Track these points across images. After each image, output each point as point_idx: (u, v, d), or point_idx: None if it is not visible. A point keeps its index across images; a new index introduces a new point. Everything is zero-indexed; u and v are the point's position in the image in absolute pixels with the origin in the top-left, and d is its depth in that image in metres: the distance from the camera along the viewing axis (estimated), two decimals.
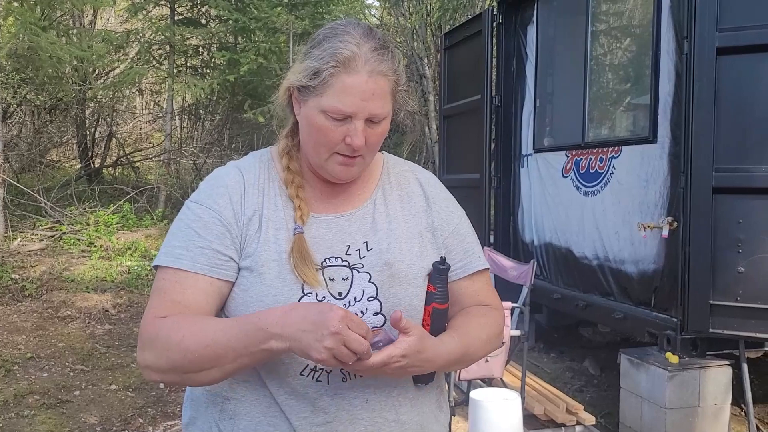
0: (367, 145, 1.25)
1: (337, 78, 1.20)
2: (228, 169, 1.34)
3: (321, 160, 1.27)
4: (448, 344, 1.25)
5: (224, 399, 1.28)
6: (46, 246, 7.97)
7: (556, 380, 4.86)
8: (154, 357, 1.18)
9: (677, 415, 3.55)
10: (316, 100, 1.22)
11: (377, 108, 1.22)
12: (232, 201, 1.27)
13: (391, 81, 1.24)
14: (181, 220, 1.28)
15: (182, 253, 1.23)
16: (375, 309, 1.26)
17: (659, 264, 4.00)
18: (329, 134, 1.23)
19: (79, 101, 11.40)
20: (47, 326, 5.46)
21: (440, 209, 1.38)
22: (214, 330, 1.15)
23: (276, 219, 1.28)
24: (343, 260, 1.28)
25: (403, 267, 1.29)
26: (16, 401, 4.21)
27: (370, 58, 1.21)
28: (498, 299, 1.45)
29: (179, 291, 1.22)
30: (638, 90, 4.85)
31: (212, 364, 1.15)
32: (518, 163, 5.70)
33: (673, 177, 3.88)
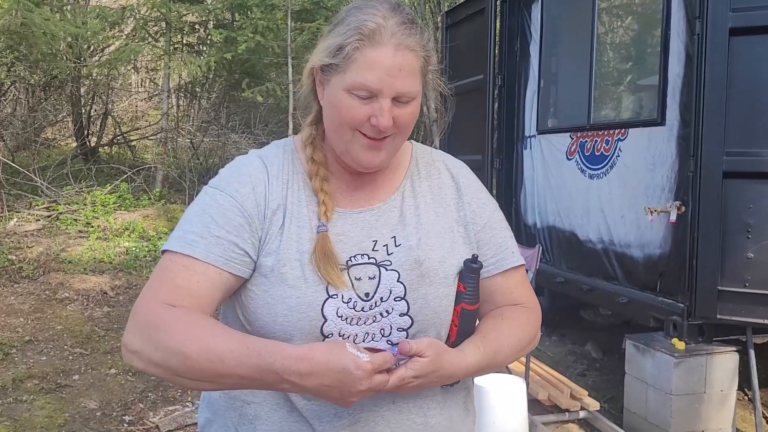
0: (397, 127, 1.16)
1: (362, 52, 1.12)
2: (251, 158, 1.26)
3: (345, 143, 1.18)
4: (470, 357, 1.19)
5: (243, 403, 1.22)
6: (43, 226, 7.89)
7: (559, 364, 4.84)
8: (146, 347, 1.08)
9: (683, 401, 3.52)
10: (340, 78, 1.14)
11: (405, 85, 1.14)
12: (256, 191, 1.19)
13: (420, 57, 1.16)
14: (197, 205, 1.20)
15: (196, 239, 1.15)
16: (402, 310, 1.19)
17: (666, 249, 3.95)
18: (353, 113, 1.14)
19: (74, 79, 11.22)
20: (45, 309, 5.41)
21: (472, 201, 1.30)
22: (224, 348, 1.05)
23: (299, 215, 1.20)
24: (369, 257, 1.20)
25: (434, 264, 1.21)
26: (14, 386, 4.16)
27: (396, 31, 1.13)
28: (534, 297, 1.37)
29: (186, 277, 1.12)
30: (646, 71, 4.77)
31: (210, 379, 1.07)
32: (521, 145, 5.63)
33: (681, 160, 3.81)
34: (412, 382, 1.11)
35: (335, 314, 1.16)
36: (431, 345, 1.13)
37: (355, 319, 1.17)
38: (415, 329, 1.20)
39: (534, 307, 1.35)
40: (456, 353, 1.19)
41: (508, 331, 1.27)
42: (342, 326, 1.16)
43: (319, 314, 1.15)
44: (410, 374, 1.09)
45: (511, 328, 1.27)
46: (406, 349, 1.10)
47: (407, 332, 1.20)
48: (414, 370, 1.10)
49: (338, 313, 1.16)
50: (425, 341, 1.13)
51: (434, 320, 1.21)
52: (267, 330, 1.16)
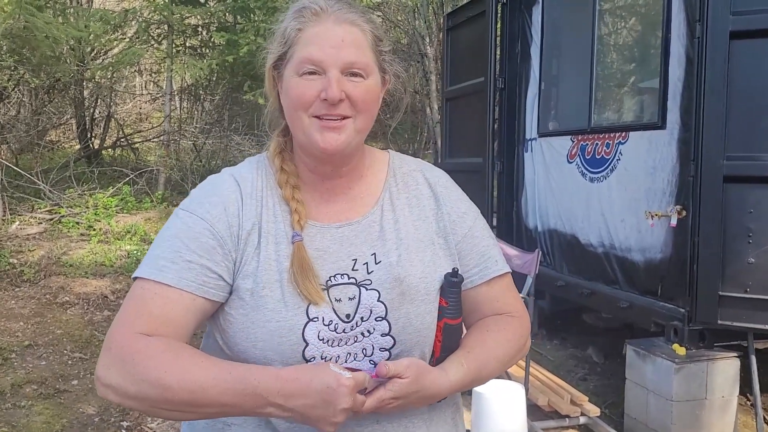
0: (352, 103, 1.14)
1: (304, 32, 1.14)
2: (223, 177, 1.23)
3: (303, 130, 1.15)
4: (454, 375, 1.17)
5: (224, 425, 1.20)
6: (45, 229, 7.90)
7: (560, 368, 4.81)
8: (122, 380, 1.03)
9: (684, 407, 3.49)
10: (289, 67, 1.16)
11: (350, 55, 1.13)
12: (228, 212, 1.17)
13: (366, 33, 1.17)
14: (168, 229, 1.17)
15: (167, 265, 1.11)
16: (383, 330, 1.17)
17: (666, 253, 3.92)
18: (305, 92, 1.13)
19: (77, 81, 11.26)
20: (45, 313, 5.41)
21: (451, 211, 1.27)
22: (205, 376, 1.03)
23: (276, 232, 1.18)
24: (350, 277, 1.18)
25: (415, 282, 1.19)
26: (13, 391, 4.16)
27: (336, 9, 1.16)
28: (520, 305, 1.34)
29: (159, 304, 1.09)
30: (647, 74, 4.74)
31: (192, 409, 1.04)
32: (522, 148, 5.60)
33: (682, 164, 3.78)
34: (392, 403, 1.09)
35: (317, 338, 1.14)
36: (411, 366, 1.11)
37: (336, 341, 1.15)
38: (397, 349, 1.18)
39: (521, 316, 1.32)
40: (438, 372, 1.16)
41: (493, 344, 1.24)
42: (324, 349, 1.14)
43: (300, 338, 1.13)
44: (389, 395, 1.08)
45: (496, 341, 1.25)
46: (384, 372, 1.08)
47: (389, 352, 1.18)
48: (393, 391, 1.08)
49: (320, 336, 1.14)
50: (405, 362, 1.11)
51: (417, 339, 1.19)
52: (247, 355, 1.14)
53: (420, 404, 1.15)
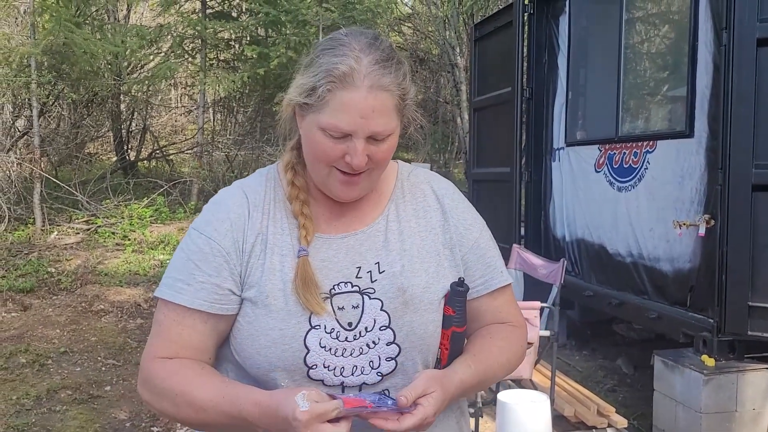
0: (373, 162, 1.17)
1: (334, 94, 1.12)
2: (232, 191, 1.28)
3: (322, 178, 1.20)
4: (462, 374, 1.20)
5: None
6: (82, 239, 8.11)
7: (588, 379, 4.76)
8: (150, 398, 1.20)
9: (713, 419, 3.43)
10: (314, 117, 1.15)
11: (378, 125, 1.14)
12: (234, 228, 1.22)
13: (395, 96, 1.16)
14: (182, 250, 1.24)
15: (183, 287, 1.20)
16: (388, 339, 1.19)
17: (695, 263, 3.87)
18: (328, 152, 1.16)
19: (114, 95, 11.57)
20: (81, 320, 5.55)
21: (458, 223, 1.29)
22: (205, 398, 1.14)
23: (282, 243, 1.21)
24: (353, 285, 1.20)
25: (418, 291, 1.21)
26: (48, 396, 4.28)
27: (370, 71, 1.13)
28: (520, 316, 1.37)
29: (177, 332, 1.20)
30: (674, 82, 4.69)
31: (205, 424, 1.17)
32: (550, 157, 5.58)
33: (710, 173, 3.74)
34: (433, 419, 1.12)
35: (318, 345, 1.17)
36: (429, 379, 1.14)
37: (339, 350, 1.17)
38: (403, 357, 1.20)
39: (521, 325, 1.35)
40: (450, 373, 1.19)
41: (497, 351, 1.27)
42: (326, 357, 1.17)
43: (301, 345, 1.16)
44: (431, 411, 1.11)
45: (500, 347, 1.28)
46: (404, 402, 1.09)
47: (396, 361, 1.20)
48: (432, 406, 1.11)
49: (321, 344, 1.17)
50: (421, 380, 1.13)
51: (421, 347, 1.21)
52: (252, 361, 1.18)
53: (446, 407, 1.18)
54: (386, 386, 1.21)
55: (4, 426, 3.87)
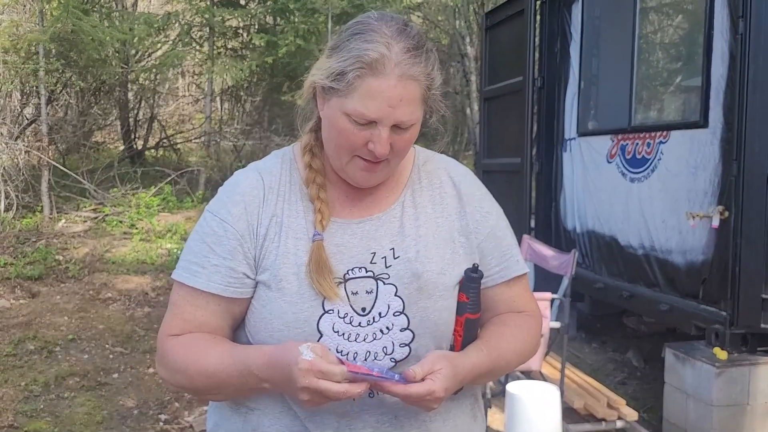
0: (393, 151, 1.16)
1: (363, 80, 1.10)
2: (247, 173, 1.27)
3: (342, 164, 1.18)
4: (474, 358, 1.19)
5: (248, 409, 1.23)
6: (89, 228, 8.11)
7: (598, 372, 4.73)
8: (166, 374, 1.22)
9: (725, 412, 3.40)
10: (340, 102, 1.13)
11: (405, 115, 1.13)
12: (248, 210, 1.20)
13: (422, 86, 1.14)
14: (197, 232, 1.24)
15: (198, 270, 1.20)
16: (402, 324, 1.18)
17: (708, 255, 3.82)
18: (351, 138, 1.14)
19: (122, 83, 11.54)
20: (88, 308, 5.55)
21: (475, 210, 1.27)
22: (215, 363, 1.15)
23: (297, 227, 1.20)
24: (367, 270, 1.19)
25: (432, 277, 1.20)
26: (57, 383, 4.28)
27: (401, 60, 1.11)
28: (535, 305, 1.36)
29: (190, 311, 1.21)
30: (688, 72, 4.63)
31: (217, 391, 1.18)
32: (561, 148, 5.53)
33: (724, 164, 3.69)
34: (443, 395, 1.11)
35: (331, 329, 1.16)
36: (438, 358, 1.13)
37: (353, 335, 1.17)
38: (416, 343, 1.19)
39: (535, 314, 1.34)
40: (461, 355, 1.19)
41: (511, 338, 1.26)
42: (339, 342, 1.16)
43: (314, 330, 1.15)
44: (439, 387, 1.09)
45: (513, 335, 1.27)
46: (412, 376, 1.09)
47: (410, 347, 1.19)
48: (440, 382, 1.10)
49: (334, 329, 1.16)
50: (430, 358, 1.13)
51: (435, 333, 1.20)
52: (265, 344, 1.18)
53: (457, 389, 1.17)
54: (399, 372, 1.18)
55: (13, 412, 3.88)
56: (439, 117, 1.24)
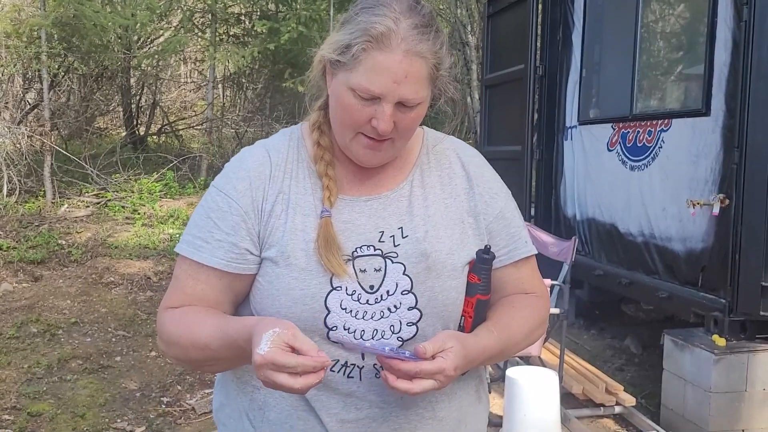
0: (398, 130, 1.15)
1: (369, 54, 1.10)
2: (254, 150, 1.27)
3: (346, 140, 1.18)
4: (485, 339, 1.19)
5: (254, 388, 1.24)
6: (92, 212, 8.13)
7: (596, 358, 4.76)
8: (164, 347, 1.23)
9: (722, 399, 3.43)
10: (345, 76, 1.13)
11: (410, 92, 1.12)
12: (252, 186, 1.21)
13: (429, 64, 1.13)
14: (202, 207, 1.24)
15: (201, 245, 1.20)
16: (410, 303, 1.18)
17: (708, 243, 3.84)
18: (355, 114, 1.14)
19: (124, 69, 11.52)
20: (91, 292, 5.58)
21: (484, 192, 1.28)
22: (207, 336, 1.14)
23: (304, 203, 1.20)
24: (376, 248, 1.19)
25: (441, 257, 1.20)
26: (59, 365, 4.31)
27: (408, 36, 1.10)
28: (544, 286, 1.37)
29: (191, 285, 1.21)
30: (691, 60, 4.63)
31: (211, 363, 1.19)
32: (562, 136, 5.54)
33: (726, 152, 3.70)
34: (453, 373, 1.10)
35: (339, 306, 1.16)
36: (449, 336, 1.13)
37: (360, 312, 1.17)
38: (424, 323, 1.19)
39: (544, 296, 1.34)
40: (472, 337, 1.19)
41: (520, 319, 1.26)
42: (346, 319, 1.16)
43: (322, 306, 1.15)
44: (449, 365, 1.08)
45: (522, 316, 1.27)
46: (422, 352, 1.08)
47: (417, 326, 1.19)
48: (451, 360, 1.09)
49: (342, 306, 1.16)
50: (440, 336, 1.13)
51: (443, 313, 1.20)
52: None
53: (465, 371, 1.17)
54: None
55: (16, 393, 3.91)
56: (448, 99, 1.23)
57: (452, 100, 1.24)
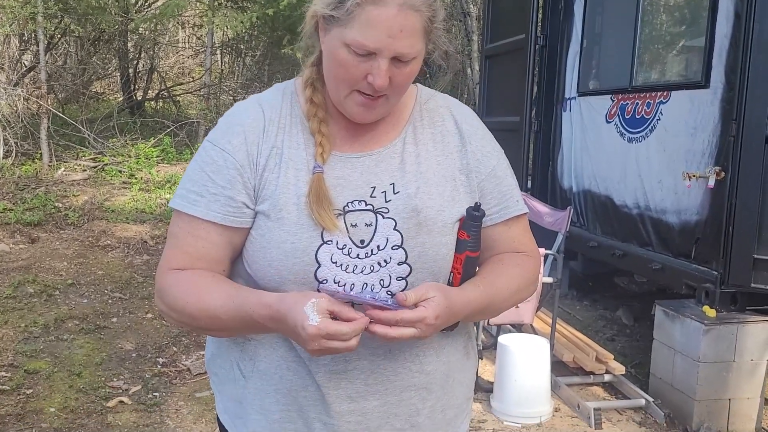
0: (392, 86, 1.15)
1: (363, 9, 1.09)
2: (247, 104, 1.27)
3: (340, 97, 1.18)
4: (470, 293, 1.20)
5: (245, 339, 1.26)
6: (89, 176, 8.13)
7: (588, 328, 4.81)
8: (166, 308, 1.22)
9: (710, 369, 3.48)
10: (340, 31, 1.12)
11: (405, 47, 1.12)
12: (247, 141, 1.21)
13: (424, 17, 1.13)
14: (196, 162, 1.24)
15: (197, 199, 1.20)
16: (400, 258, 1.19)
17: (703, 215, 3.86)
18: (350, 70, 1.13)
19: (122, 33, 11.41)
20: (88, 254, 5.60)
21: (476, 149, 1.28)
22: (216, 305, 1.15)
23: (297, 158, 1.21)
24: (367, 204, 1.20)
25: (432, 213, 1.21)
26: (56, 325, 4.35)
27: None
28: (535, 246, 1.37)
29: (191, 243, 1.20)
30: (693, 32, 4.59)
31: (218, 329, 1.20)
32: (560, 107, 5.52)
33: (723, 125, 3.69)
34: (434, 323, 1.11)
35: (329, 260, 1.17)
36: (431, 286, 1.15)
37: (351, 266, 1.18)
38: (413, 277, 1.20)
39: (534, 255, 1.35)
40: (457, 289, 1.21)
41: (507, 276, 1.27)
42: (337, 273, 1.17)
43: (312, 259, 1.16)
44: (430, 313, 1.10)
45: (510, 274, 1.28)
46: (403, 300, 1.09)
47: (406, 281, 1.20)
48: (432, 309, 1.10)
49: (332, 259, 1.17)
50: (424, 286, 1.14)
51: (432, 268, 1.21)
52: (263, 273, 1.19)
53: (450, 322, 1.18)
54: None
55: (13, 352, 3.95)
56: (442, 53, 1.23)
57: (446, 54, 1.24)
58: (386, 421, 1.25)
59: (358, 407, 1.23)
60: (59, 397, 3.49)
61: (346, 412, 1.22)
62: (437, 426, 1.31)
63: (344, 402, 1.22)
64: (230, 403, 1.31)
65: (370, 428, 1.24)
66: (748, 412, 3.53)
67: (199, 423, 3.32)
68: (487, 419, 3.50)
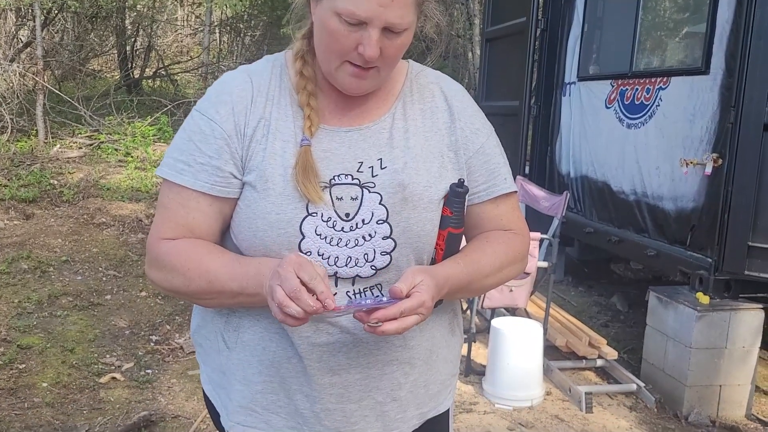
0: (383, 58, 1.14)
1: None
2: (236, 74, 1.26)
3: (331, 68, 1.17)
4: (450, 269, 1.20)
5: (230, 310, 1.26)
6: (84, 154, 8.08)
7: (582, 314, 4.82)
8: (159, 277, 1.22)
9: (702, 355, 3.49)
10: (330, 1, 1.11)
11: (396, 17, 1.10)
12: (235, 111, 1.20)
13: None
14: (184, 130, 1.23)
15: (184, 168, 1.19)
16: (384, 233, 1.19)
17: (699, 202, 3.85)
18: (341, 40, 1.12)
19: (119, 10, 11.31)
20: (82, 232, 5.58)
21: (465, 126, 1.27)
22: (216, 264, 1.17)
23: (285, 130, 1.20)
24: (354, 178, 1.19)
25: (419, 189, 1.20)
26: (50, 301, 4.34)
27: None
28: (524, 224, 1.36)
29: (183, 214, 1.21)
30: (695, 18, 4.56)
31: (213, 297, 1.19)
32: (560, 92, 5.49)
33: (722, 111, 3.68)
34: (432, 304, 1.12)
35: (314, 232, 1.17)
36: (416, 271, 1.14)
37: (335, 239, 1.18)
38: (397, 252, 1.20)
39: (522, 233, 1.34)
40: (437, 266, 1.20)
41: (491, 253, 1.27)
42: (321, 245, 1.17)
43: (297, 231, 1.16)
44: (427, 297, 1.10)
45: (495, 251, 1.27)
46: (398, 292, 1.09)
47: (390, 256, 1.20)
48: (426, 292, 1.10)
49: (317, 231, 1.17)
50: (408, 273, 1.13)
51: (417, 244, 1.21)
52: (249, 243, 1.19)
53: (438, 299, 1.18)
54: (379, 281, 1.21)
55: (6, 327, 3.95)
56: (434, 26, 1.22)
57: (438, 26, 1.22)
58: (368, 394, 1.25)
59: (339, 380, 1.23)
60: (52, 373, 3.49)
61: (328, 385, 1.22)
62: (419, 400, 1.31)
63: (326, 374, 1.22)
64: (214, 373, 1.32)
65: (351, 400, 1.24)
66: (738, 398, 3.55)
67: (191, 400, 3.32)
68: (479, 401, 3.52)
